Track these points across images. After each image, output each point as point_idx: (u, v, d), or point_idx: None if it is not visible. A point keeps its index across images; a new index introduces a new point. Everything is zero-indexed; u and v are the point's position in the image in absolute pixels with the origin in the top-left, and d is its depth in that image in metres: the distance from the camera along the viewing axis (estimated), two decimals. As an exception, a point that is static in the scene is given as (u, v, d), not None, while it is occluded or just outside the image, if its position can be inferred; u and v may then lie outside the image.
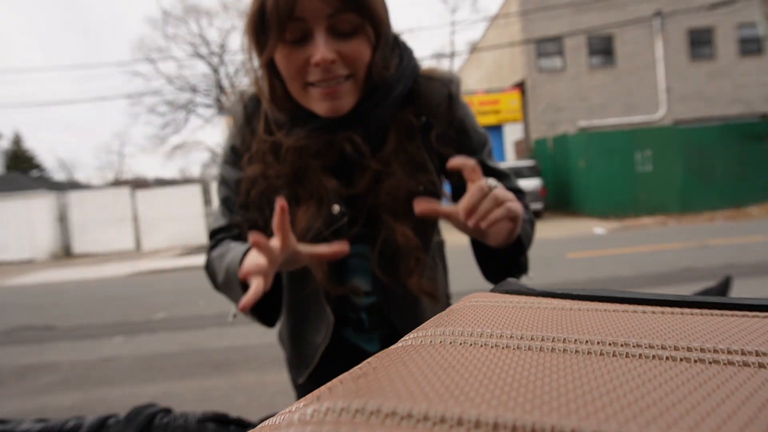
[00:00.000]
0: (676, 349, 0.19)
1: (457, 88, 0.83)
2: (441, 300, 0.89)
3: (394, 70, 0.76)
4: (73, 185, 24.84)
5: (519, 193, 0.85)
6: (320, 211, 0.77)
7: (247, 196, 0.81)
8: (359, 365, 0.22)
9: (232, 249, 0.76)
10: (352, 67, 0.70)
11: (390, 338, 0.89)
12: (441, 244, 0.97)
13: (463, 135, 0.83)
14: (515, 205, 0.63)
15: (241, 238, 0.83)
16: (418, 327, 0.26)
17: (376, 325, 0.89)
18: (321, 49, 0.66)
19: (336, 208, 0.78)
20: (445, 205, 0.66)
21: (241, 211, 0.83)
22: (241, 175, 0.82)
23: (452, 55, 26.65)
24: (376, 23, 0.70)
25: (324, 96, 0.70)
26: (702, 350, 0.19)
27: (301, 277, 0.85)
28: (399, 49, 0.79)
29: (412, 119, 0.79)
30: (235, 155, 0.84)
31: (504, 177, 0.85)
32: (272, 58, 0.72)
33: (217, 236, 0.85)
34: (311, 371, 0.88)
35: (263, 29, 0.68)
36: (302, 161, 0.77)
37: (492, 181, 0.63)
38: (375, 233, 0.80)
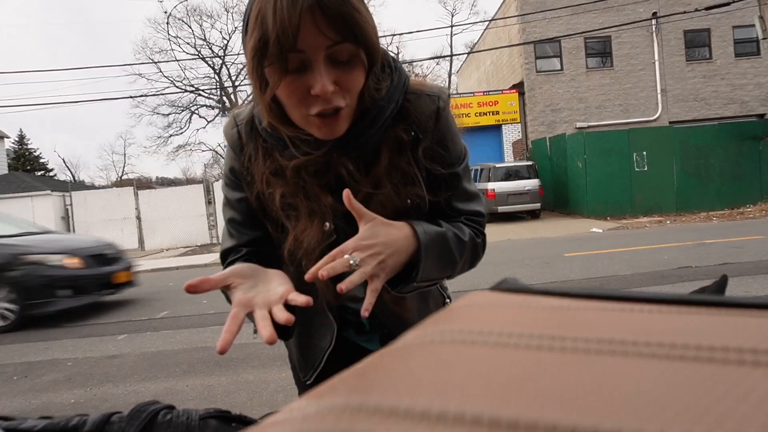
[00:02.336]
0: (672, 347, 0.19)
1: (445, 103, 0.86)
2: (427, 300, 0.94)
3: (385, 92, 0.79)
4: (77, 185, 24.74)
5: (478, 215, 0.89)
6: (317, 228, 0.81)
7: (256, 214, 0.86)
8: (360, 363, 0.22)
9: None
10: (349, 97, 0.73)
11: (388, 338, 0.93)
12: None
13: (442, 148, 0.85)
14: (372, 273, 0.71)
15: (250, 257, 0.86)
16: (418, 326, 0.26)
17: (375, 328, 0.94)
18: (321, 81, 0.69)
19: (327, 225, 0.81)
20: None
21: (249, 231, 0.87)
22: (244, 195, 0.86)
23: (451, 57, 26.65)
24: (370, 50, 0.72)
25: (322, 124, 0.74)
26: (698, 348, 0.19)
27: (304, 290, 0.89)
28: (390, 69, 0.82)
29: (403, 135, 0.81)
30: (235, 177, 0.87)
31: (471, 198, 0.89)
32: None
33: (228, 259, 0.88)
34: (319, 372, 0.93)
35: (265, 61, 0.70)
36: (301, 180, 0.80)
37: (354, 259, 0.70)
38: None
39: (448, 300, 0.99)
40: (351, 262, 0.70)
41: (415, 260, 0.77)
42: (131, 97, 22.87)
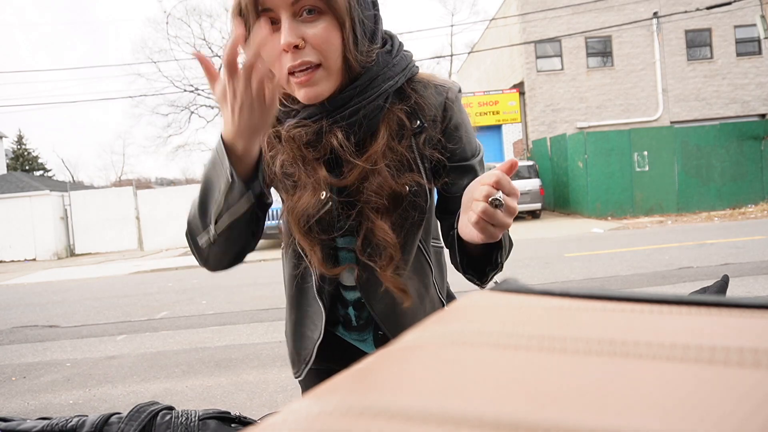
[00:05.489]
0: (673, 347, 0.19)
1: (455, 96, 0.87)
2: (424, 302, 0.94)
3: (377, 58, 0.80)
4: (76, 185, 24.80)
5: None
6: (312, 198, 0.82)
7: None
8: (360, 363, 0.22)
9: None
10: (321, 53, 0.75)
11: (381, 336, 0.93)
12: (439, 251, 1.01)
13: (457, 142, 0.87)
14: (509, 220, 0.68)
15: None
16: (418, 326, 0.26)
17: (364, 322, 0.94)
18: (285, 34, 0.73)
19: (323, 194, 0.82)
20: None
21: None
22: None
23: (451, 56, 26.67)
24: (337, 8, 0.75)
25: (299, 84, 0.76)
26: (699, 349, 0.19)
27: (297, 264, 0.91)
28: (391, 46, 0.84)
29: (405, 120, 0.83)
30: None
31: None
32: None
33: None
34: (309, 367, 0.93)
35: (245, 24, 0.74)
36: (298, 150, 0.82)
37: (498, 197, 0.66)
38: (361, 226, 0.85)
39: (444, 303, 0.99)
40: (497, 199, 0.65)
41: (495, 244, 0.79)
42: (130, 96, 22.93)
